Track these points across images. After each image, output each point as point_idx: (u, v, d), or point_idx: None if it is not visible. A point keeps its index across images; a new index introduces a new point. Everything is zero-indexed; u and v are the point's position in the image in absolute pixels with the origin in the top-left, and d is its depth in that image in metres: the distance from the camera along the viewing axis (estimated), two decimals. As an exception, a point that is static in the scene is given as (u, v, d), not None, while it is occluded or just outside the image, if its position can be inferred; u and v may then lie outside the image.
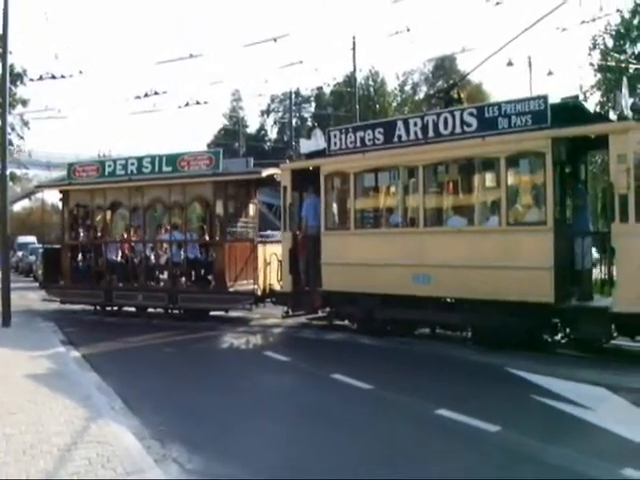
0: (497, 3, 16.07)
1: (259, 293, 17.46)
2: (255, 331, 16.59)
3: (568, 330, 12.43)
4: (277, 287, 17.24)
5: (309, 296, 16.05)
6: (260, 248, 17.92)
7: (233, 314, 18.59)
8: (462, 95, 15.71)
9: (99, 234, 21.06)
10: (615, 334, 11.94)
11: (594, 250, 13.56)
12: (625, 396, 8.98)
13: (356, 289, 14.73)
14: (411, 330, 14.47)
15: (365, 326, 14.84)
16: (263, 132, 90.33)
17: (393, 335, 14.26)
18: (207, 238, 19.59)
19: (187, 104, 31.24)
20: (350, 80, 41.62)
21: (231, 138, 75.25)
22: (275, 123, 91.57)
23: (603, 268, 12.50)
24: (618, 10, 28.69)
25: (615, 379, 9.92)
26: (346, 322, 15.89)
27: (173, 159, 18.93)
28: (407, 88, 69.00)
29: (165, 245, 20.04)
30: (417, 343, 13.72)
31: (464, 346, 13.08)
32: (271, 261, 17.42)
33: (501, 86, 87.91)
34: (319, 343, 14.66)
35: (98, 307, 20.20)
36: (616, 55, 41.16)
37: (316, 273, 15.68)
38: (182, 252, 19.12)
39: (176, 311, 19.00)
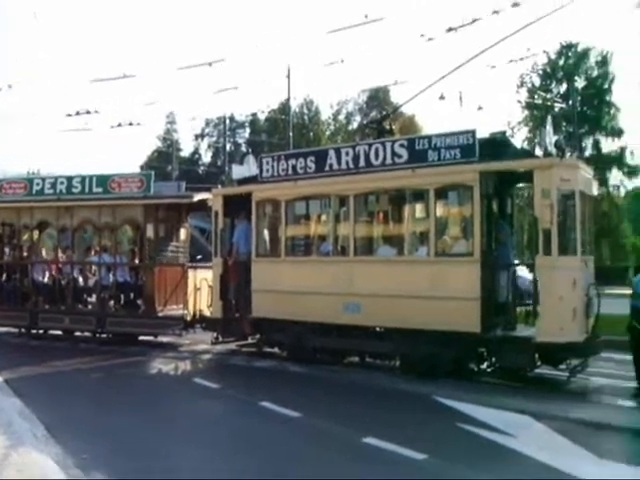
0: (429, 39, 16.42)
1: (189, 318, 17.30)
2: (184, 357, 16.44)
3: (494, 359, 12.66)
4: (207, 313, 17.10)
5: (239, 323, 15.97)
6: (191, 273, 17.77)
7: (162, 339, 18.35)
8: (394, 126, 16.00)
9: (25, 254, 20.47)
10: (538, 363, 12.23)
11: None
12: (548, 423, 9.21)
13: (286, 316, 14.71)
14: (341, 358, 14.53)
15: (295, 354, 14.82)
16: (197, 156, 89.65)
17: (323, 363, 14.27)
18: (137, 261, 19.34)
19: (120, 124, 30.94)
20: (285, 107, 41.90)
21: (164, 161, 74.46)
22: (209, 147, 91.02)
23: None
24: (544, 51, 29.74)
25: (538, 407, 10.14)
26: (276, 349, 15.82)
27: (104, 180, 18.68)
28: (341, 117, 69.77)
29: (94, 267, 19.66)
30: (346, 371, 13.77)
31: (393, 375, 13.17)
32: (201, 286, 17.29)
33: (433, 119, 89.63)
34: (248, 370, 14.59)
35: (23, 330, 19.59)
36: (542, 93, 42.54)
37: (246, 300, 15.62)
38: (111, 275, 18.80)
39: (104, 335, 18.62)
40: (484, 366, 12.91)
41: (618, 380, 12.42)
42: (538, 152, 12.82)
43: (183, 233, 19.97)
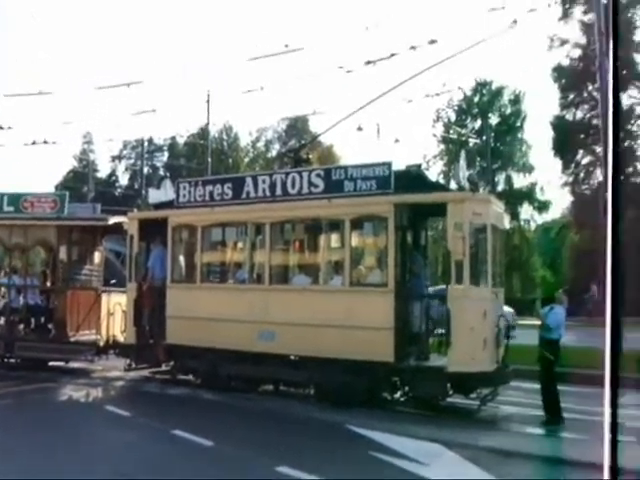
0: (348, 71, 16.69)
1: (102, 344, 16.92)
2: (96, 384, 16.01)
3: (407, 388, 12.80)
4: (121, 338, 16.73)
5: (153, 349, 15.69)
6: (104, 297, 17.42)
7: (74, 365, 17.83)
8: (311, 156, 16.15)
9: None
10: (451, 392, 12.43)
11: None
12: (459, 451, 9.33)
13: (201, 343, 14.52)
14: (255, 386, 14.43)
15: (209, 381, 14.63)
16: (114, 178, 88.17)
17: (237, 391, 14.14)
18: (49, 284, 18.82)
19: (34, 142, 30.12)
20: (204, 132, 41.72)
21: (80, 181, 73.00)
22: (126, 170, 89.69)
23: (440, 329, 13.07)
24: (459, 88, 30.66)
25: (450, 435, 10.27)
26: (190, 377, 15.59)
27: (16, 199, 18.09)
28: (260, 145, 69.94)
29: (3, 289, 18.97)
30: (261, 400, 13.67)
31: (307, 403, 13.14)
32: (115, 311, 16.96)
33: (352, 150, 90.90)
34: (162, 398, 14.33)
35: None
36: (457, 129, 43.69)
37: (161, 326, 15.38)
38: (21, 297, 18.17)
39: (12, 360, 17.89)
40: (398, 395, 13.05)
41: (527, 408, 12.71)
42: (453, 186, 13.12)
43: (97, 256, 19.53)
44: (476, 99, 51.84)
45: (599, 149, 26.12)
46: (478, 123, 49.19)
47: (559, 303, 12.25)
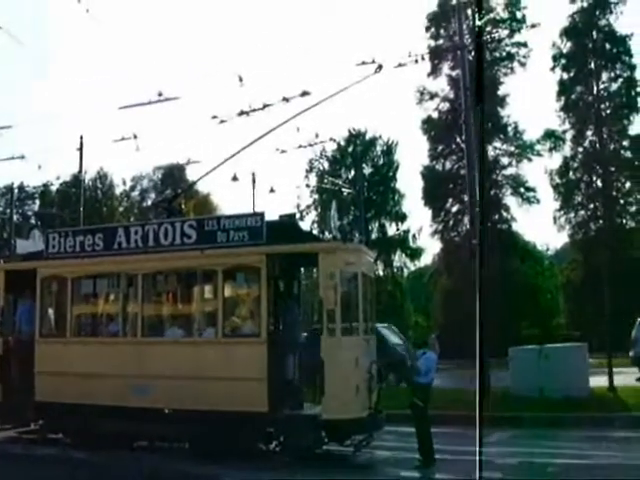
0: (222, 121, 16.86)
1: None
2: (-46, 447, 15.09)
3: (282, 438, 12.79)
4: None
5: (21, 407, 14.99)
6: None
7: None
8: (184, 206, 16.11)
9: None
10: (326, 440, 12.53)
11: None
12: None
13: (73, 400, 13.93)
14: (130, 443, 14.01)
15: (81, 439, 14.06)
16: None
17: (111, 448, 13.67)
18: None
19: None
20: (77, 180, 40.73)
21: (-57, 231, 69.50)
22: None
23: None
24: (332, 139, 31.40)
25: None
26: (60, 435, 14.97)
27: None
28: (136, 194, 68.81)
29: None
30: (135, 457, 13.26)
31: (184, 458, 12.90)
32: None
33: (228, 199, 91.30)
34: (28, 459, 13.61)
35: None
36: (331, 178, 44.57)
37: (29, 382, 14.72)
38: None
39: None
40: (273, 445, 13.00)
41: (401, 452, 13.00)
42: (328, 235, 13.40)
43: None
44: (350, 149, 53.07)
45: (466, 197, 27.22)
46: (352, 173, 50.30)
47: (431, 348, 12.65)
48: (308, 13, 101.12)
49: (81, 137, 31.13)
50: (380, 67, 14.23)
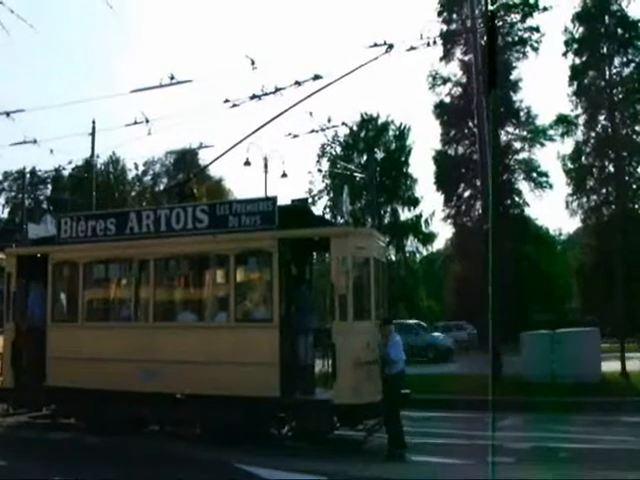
0: (233, 105, 16.74)
1: (-25, 388, 16.08)
2: (-31, 432, 15.20)
3: (294, 423, 12.82)
4: (-2, 382, 16.02)
5: (33, 392, 15.05)
6: (-21, 339, 16.60)
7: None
8: (196, 190, 16.08)
9: None
10: (337, 425, 12.51)
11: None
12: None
13: (85, 385, 13.98)
14: (141, 427, 14.09)
15: (93, 424, 14.16)
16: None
17: (122, 433, 13.69)
18: None
19: None
20: (89, 165, 40.72)
21: (-46, 215, 69.85)
22: (7, 203, 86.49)
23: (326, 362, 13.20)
24: (344, 123, 31.20)
25: (336, 467, 10.47)
26: (72, 420, 15.06)
27: None
28: (148, 178, 68.84)
29: None
30: (147, 441, 13.38)
31: (195, 442, 12.96)
32: (-10, 354, 16.22)
33: (240, 184, 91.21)
34: (42, 444, 13.65)
35: None
36: (343, 163, 44.43)
37: (41, 367, 14.77)
38: None
39: None
40: (285, 430, 13.02)
41: (413, 436, 12.95)
42: (340, 220, 13.37)
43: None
44: (362, 134, 52.92)
45: (479, 182, 27.12)
46: (365, 158, 50.15)
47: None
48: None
49: (93, 122, 31.16)
50: (391, 47, 14.08)
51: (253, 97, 16.45)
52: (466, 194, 45.00)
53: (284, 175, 28.85)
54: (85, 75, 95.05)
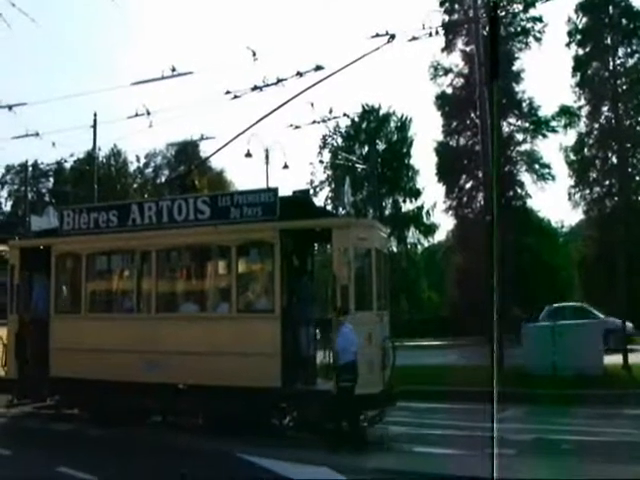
0: (235, 96, 16.71)
1: (-20, 380, 16.13)
2: (-27, 422, 15.26)
3: (295, 413, 12.88)
4: (1, 373, 16.03)
5: (37, 383, 15.12)
6: (-18, 330, 16.65)
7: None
8: (197, 182, 16.09)
9: None
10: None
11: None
12: (347, 475, 9.54)
13: (88, 376, 14.06)
14: (144, 418, 14.15)
15: (96, 414, 14.27)
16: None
17: (125, 423, 13.75)
18: None
19: None
20: (91, 158, 40.71)
21: (-42, 207, 69.91)
22: (10, 196, 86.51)
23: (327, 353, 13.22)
24: (345, 114, 31.09)
25: (338, 458, 10.50)
26: (76, 411, 15.13)
27: None
28: (149, 171, 68.77)
29: None
30: (149, 431, 13.44)
31: (197, 433, 13.02)
32: (-5, 345, 16.27)
33: (242, 175, 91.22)
34: (46, 434, 13.78)
35: None
36: (345, 154, 44.32)
37: (45, 359, 14.84)
38: None
39: None
40: (286, 420, 13.06)
41: (414, 428, 13.03)
42: (342, 211, 13.35)
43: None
44: (364, 125, 52.78)
45: (481, 174, 27.08)
46: (366, 149, 50.03)
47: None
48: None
49: (95, 114, 31.15)
50: (392, 37, 14.03)
51: (254, 88, 16.43)
52: (468, 185, 44.80)
53: (285, 166, 28.89)
54: (87, 68, 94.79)
